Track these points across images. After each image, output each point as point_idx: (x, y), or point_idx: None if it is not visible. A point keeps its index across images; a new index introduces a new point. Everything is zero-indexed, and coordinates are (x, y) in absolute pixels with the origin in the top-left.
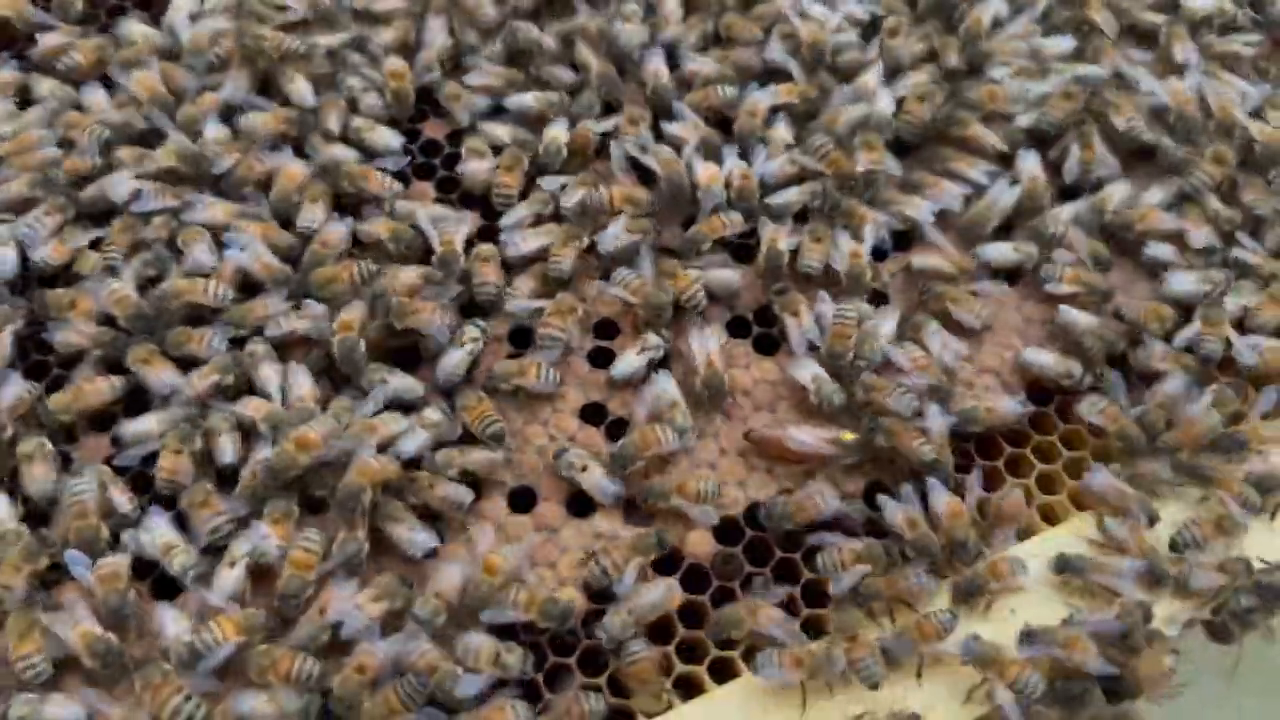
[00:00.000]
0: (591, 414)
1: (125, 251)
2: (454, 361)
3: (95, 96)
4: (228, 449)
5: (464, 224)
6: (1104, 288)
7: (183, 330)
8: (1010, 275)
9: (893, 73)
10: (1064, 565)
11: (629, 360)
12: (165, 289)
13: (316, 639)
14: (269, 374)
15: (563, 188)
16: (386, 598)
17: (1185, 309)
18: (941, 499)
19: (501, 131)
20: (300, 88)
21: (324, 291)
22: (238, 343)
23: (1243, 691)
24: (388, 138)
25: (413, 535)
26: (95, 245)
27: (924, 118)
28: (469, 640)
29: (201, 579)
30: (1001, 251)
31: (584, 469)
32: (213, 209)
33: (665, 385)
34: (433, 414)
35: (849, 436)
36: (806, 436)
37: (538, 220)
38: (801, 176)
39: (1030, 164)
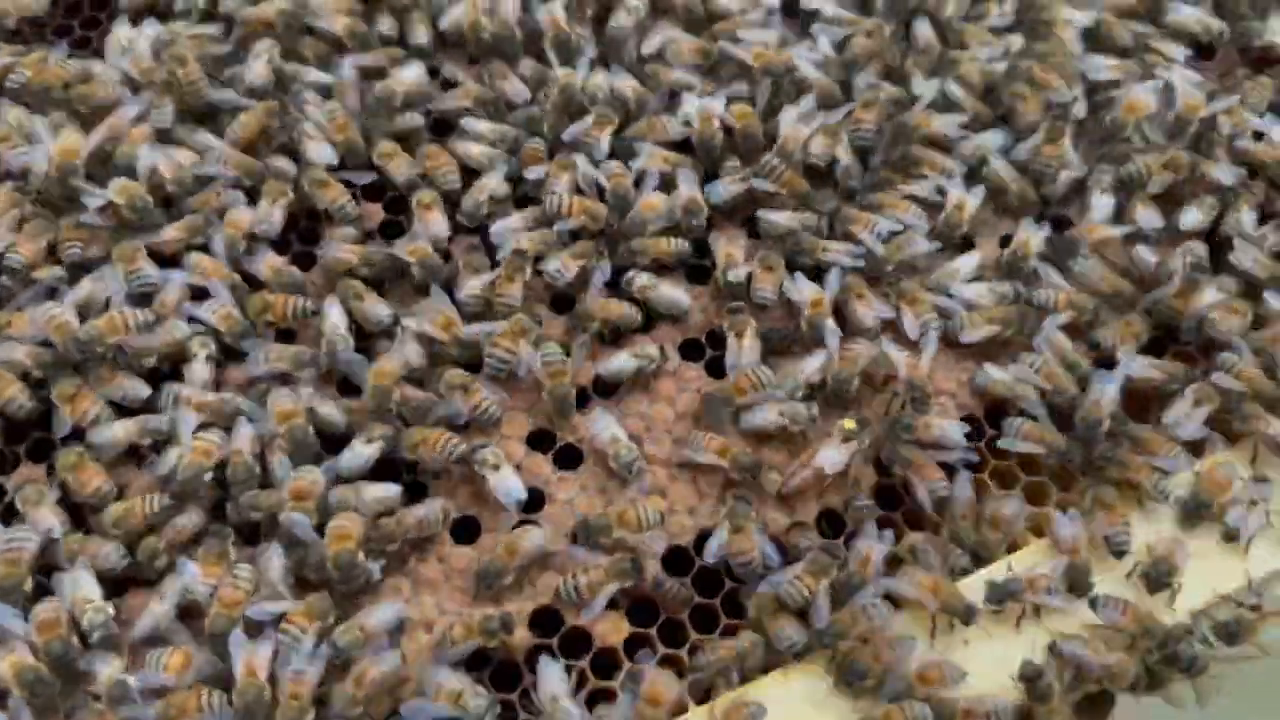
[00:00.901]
0: (539, 441)
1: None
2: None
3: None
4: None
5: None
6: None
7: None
8: None
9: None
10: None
11: (621, 360)
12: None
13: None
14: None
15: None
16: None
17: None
18: None
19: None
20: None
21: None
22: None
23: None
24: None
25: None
26: None
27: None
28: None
29: (105, 643)
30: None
31: (496, 467)
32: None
33: (603, 421)
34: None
35: (850, 425)
36: (836, 455)
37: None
38: (753, 197)
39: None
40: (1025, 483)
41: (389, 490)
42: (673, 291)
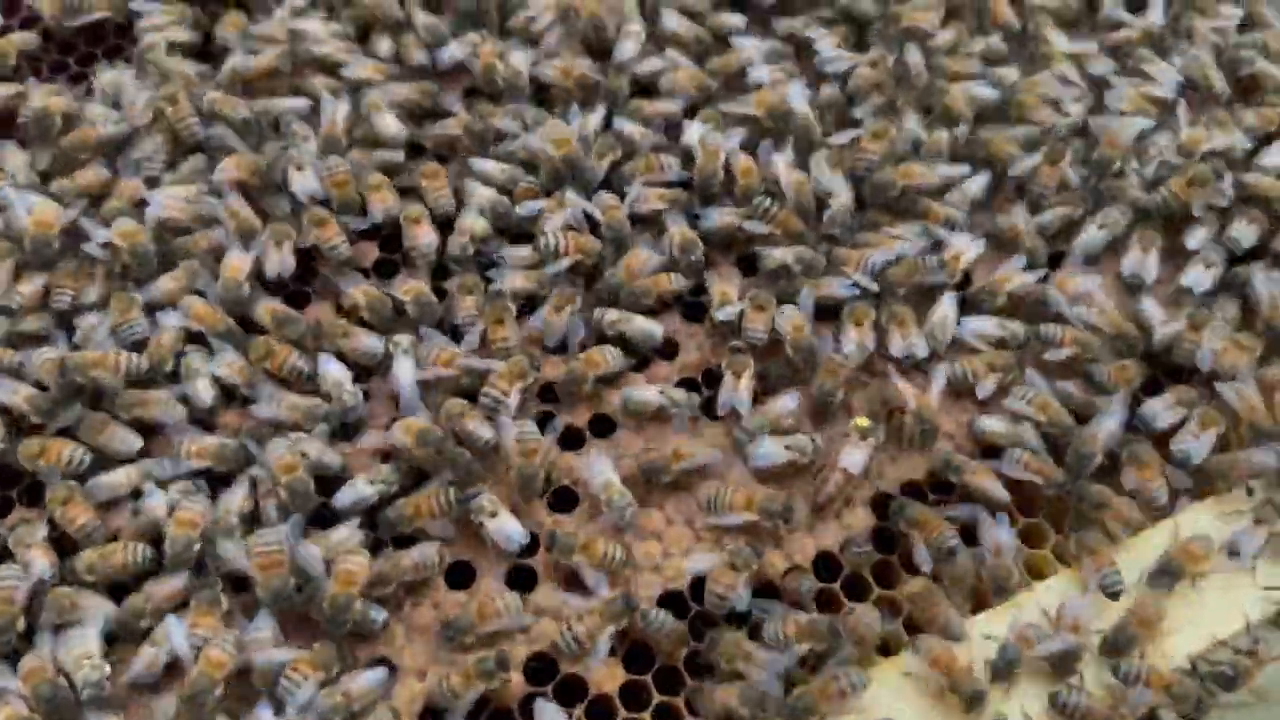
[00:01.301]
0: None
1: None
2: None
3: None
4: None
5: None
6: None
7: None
8: None
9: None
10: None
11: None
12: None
13: None
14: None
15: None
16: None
17: None
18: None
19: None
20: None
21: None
22: None
23: None
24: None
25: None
26: None
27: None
28: None
29: (96, 701)
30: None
31: (494, 514)
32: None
33: (599, 465)
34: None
35: (864, 423)
36: (857, 454)
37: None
38: (747, 236)
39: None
40: (1022, 525)
41: (352, 534)
42: (645, 324)
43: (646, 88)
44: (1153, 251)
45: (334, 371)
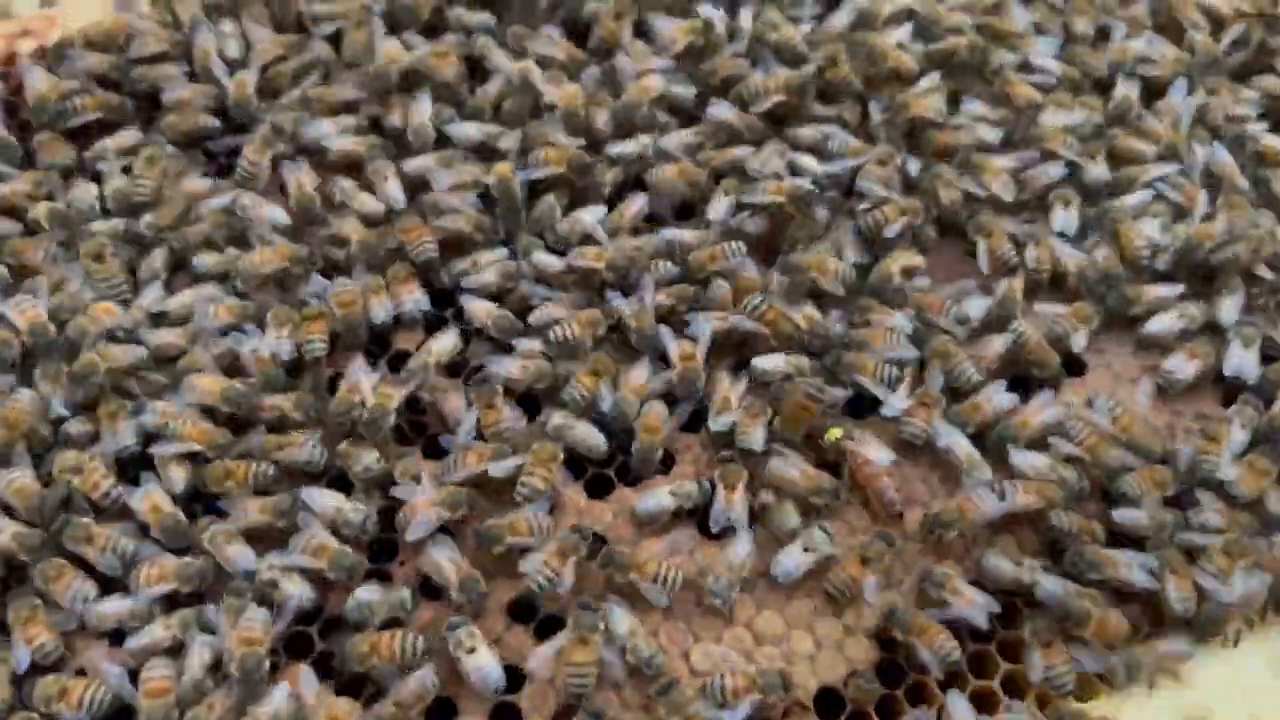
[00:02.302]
0: (521, 611)
1: None
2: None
3: None
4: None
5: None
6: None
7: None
8: None
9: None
10: None
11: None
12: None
13: None
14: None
15: None
16: None
17: None
18: None
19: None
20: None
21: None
22: None
23: None
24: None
25: None
26: None
27: None
28: None
29: None
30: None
31: (472, 650)
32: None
33: (618, 616)
34: None
35: (837, 433)
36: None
37: None
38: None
39: None
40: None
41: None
42: (588, 432)
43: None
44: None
45: (323, 501)
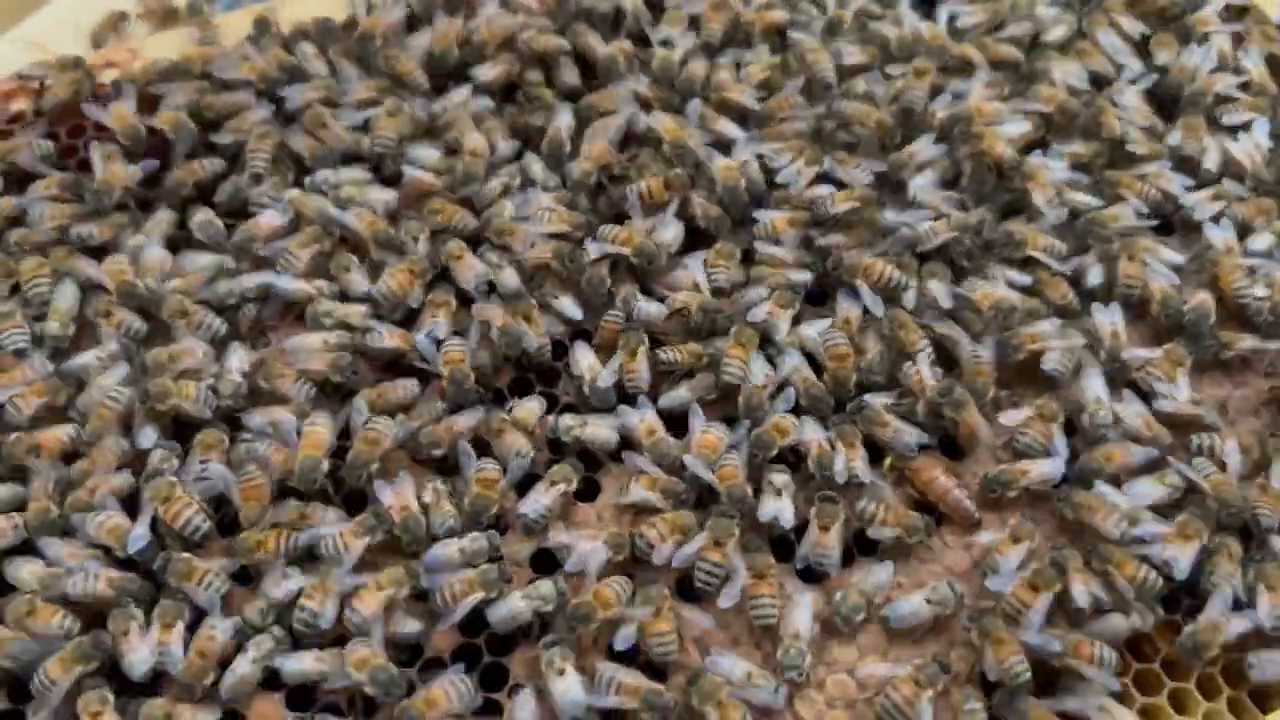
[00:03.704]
0: None
1: None
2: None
3: None
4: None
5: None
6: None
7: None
8: None
9: None
10: None
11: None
12: None
13: None
14: None
15: None
16: None
17: None
18: None
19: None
20: None
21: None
22: None
23: None
24: None
25: None
26: None
27: None
28: None
29: None
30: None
31: (561, 673)
32: None
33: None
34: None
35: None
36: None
37: None
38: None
39: None
40: None
41: None
42: (599, 429)
43: None
44: None
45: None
